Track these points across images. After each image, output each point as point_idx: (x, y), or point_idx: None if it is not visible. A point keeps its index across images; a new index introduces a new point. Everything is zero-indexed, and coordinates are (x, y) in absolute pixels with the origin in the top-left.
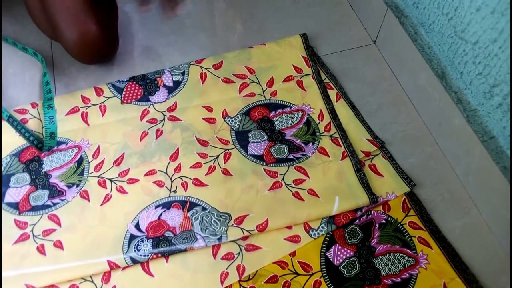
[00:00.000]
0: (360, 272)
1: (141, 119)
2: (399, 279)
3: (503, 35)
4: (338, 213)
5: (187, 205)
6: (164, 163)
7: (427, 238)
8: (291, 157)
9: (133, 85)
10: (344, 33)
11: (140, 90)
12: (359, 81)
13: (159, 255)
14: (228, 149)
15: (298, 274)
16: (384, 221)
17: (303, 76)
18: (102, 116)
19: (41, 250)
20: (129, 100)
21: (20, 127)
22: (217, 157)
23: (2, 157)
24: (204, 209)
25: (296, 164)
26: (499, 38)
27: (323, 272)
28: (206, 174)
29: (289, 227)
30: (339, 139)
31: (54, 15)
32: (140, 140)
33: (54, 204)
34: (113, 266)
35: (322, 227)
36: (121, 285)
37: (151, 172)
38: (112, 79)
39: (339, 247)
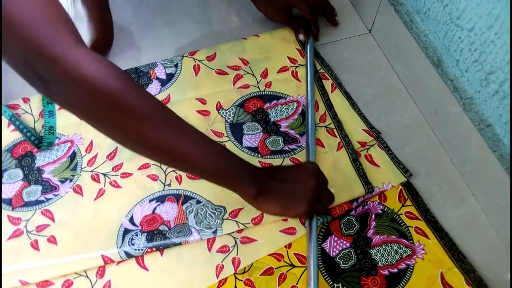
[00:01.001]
0: (357, 263)
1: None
2: (396, 270)
3: (499, 21)
4: (334, 205)
5: (181, 199)
6: None
7: (424, 228)
8: (286, 148)
9: None
10: (339, 22)
11: None
12: (354, 71)
13: (154, 249)
14: (222, 142)
15: (294, 266)
16: (380, 211)
17: (297, 66)
18: None
19: (35, 245)
20: None
21: (18, 123)
22: None
23: None
24: (198, 202)
25: (291, 156)
26: (495, 24)
27: (319, 263)
28: None
29: (285, 219)
30: (335, 130)
31: None
32: None
33: (48, 200)
34: (107, 260)
35: (318, 219)
36: (115, 279)
37: (145, 166)
38: None
39: (335, 239)
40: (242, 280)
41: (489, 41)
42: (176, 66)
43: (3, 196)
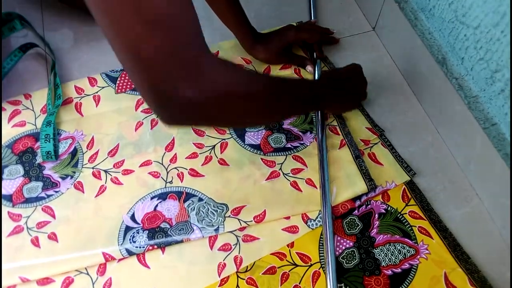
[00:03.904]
0: (360, 262)
1: (136, 109)
2: (399, 270)
3: (505, 18)
4: (337, 203)
5: (183, 196)
6: (159, 153)
7: (428, 228)
8: (289, 146)
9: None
10: (342, 20)
11: None
12: None
13: (155, 246)
14: (224, 139)
15: (296, 265)
16: (383, 211)
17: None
18: (96, 106)
19: (35, 242)
20: (123, 90)
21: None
22: (214, 147)
23: None
24: (200, 199)
25: (293, 154)
26: (501, 21)
27: (322, 263)
28: (202, 165)
29: (287, 218)
30: (337, 128)
31: None
32: (135, 131)
33: (48, 196)
34: (108, 258)
35: (321, 218)
36: (116, 277)
37: (146, 163)
38: (105, 69)
39: (338, 238)
40: (244, 279)
41: (495, 39)
42: None
43: (4, 192)
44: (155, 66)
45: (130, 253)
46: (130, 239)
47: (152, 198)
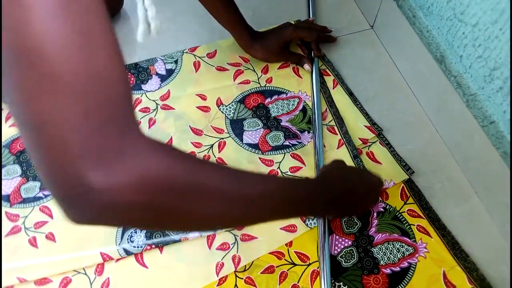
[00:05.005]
0: (358, 261)
1: (134, 108)
2: (398, 268)
3: (504, 16)
4: None
5: None
6: None
7: (426, 226)
8: (287, 143)
9: None
10: (340, 18)
11: (132, 79)
12: (356, 67)
13: (153, 246)
14: (222, 138)
15: (295, 265)
16: (382, 209)
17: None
18: None
19: (33, 242)
20: None
21: None
22: (212, 146)
23: None
24: None
25: (292, 151)
26: (500, 19)
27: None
28: None
29: None
30: (335, 127)
31: None
32: None
33: (46, 196)
34: (106, 258)
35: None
36: (114, 277)
37: None
38: None
39: (337, 237)
40: (242, 278)
41: (494, 37)
42: (176, 62)
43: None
44: (62, 144)
45: (128, 252)
46: (128, 239)
47: None
